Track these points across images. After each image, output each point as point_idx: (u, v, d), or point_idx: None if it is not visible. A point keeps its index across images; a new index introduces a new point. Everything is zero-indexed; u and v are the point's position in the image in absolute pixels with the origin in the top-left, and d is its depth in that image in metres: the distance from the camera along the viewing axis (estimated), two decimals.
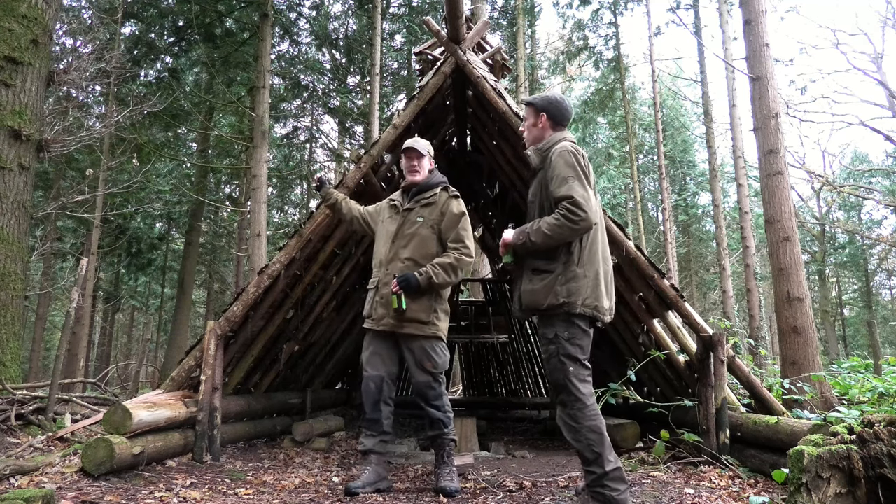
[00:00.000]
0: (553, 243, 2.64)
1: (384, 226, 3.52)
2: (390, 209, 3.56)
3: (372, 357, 3.38)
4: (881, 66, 17.29)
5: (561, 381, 2.65)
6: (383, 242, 3.47)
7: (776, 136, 6.34)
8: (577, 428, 2.60)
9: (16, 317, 5.70)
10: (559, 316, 2.67)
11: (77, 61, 7.59)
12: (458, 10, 4.54)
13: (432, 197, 3.45)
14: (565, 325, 2.67)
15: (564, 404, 2.66)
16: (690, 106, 26.39)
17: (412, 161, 3.51)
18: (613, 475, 2.57)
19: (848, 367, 6.21)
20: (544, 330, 2.73)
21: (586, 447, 2.58)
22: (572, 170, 2.66)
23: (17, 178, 5.78)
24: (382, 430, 3.37)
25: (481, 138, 6.52)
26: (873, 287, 26.48)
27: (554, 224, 2.60)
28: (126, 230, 15.08)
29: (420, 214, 3.40)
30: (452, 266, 3.31)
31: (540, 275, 2.70)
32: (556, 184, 2.65)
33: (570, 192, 2.60)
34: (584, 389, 2.64)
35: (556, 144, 2.80)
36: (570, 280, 2.66)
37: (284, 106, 16.46)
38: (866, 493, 2.15)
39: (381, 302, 3.32)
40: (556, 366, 2.67)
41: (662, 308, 4.53)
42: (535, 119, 2.93)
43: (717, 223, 15.09)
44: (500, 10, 16.69)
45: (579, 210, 2.56)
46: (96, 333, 20.80)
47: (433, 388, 3.31)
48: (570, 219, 2.57)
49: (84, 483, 3.07)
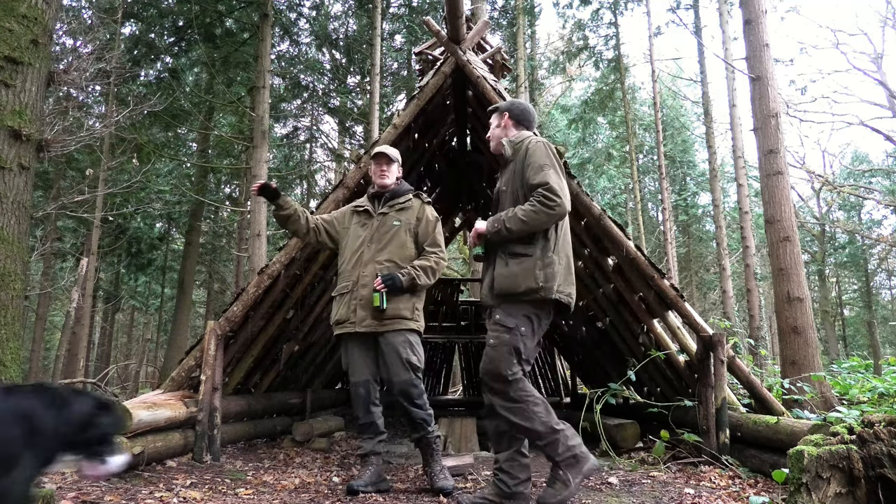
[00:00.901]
0: (529, 230, 2.66)
1: (353, 231, 3.50)
2: (359, 215, 3.54)
3: (355, 363, 3.38)
4: (881, 66, 17.30)
5: (500, 371, 2.64)
6: (356, 247, 3.45)
7: (776, 136, 6.34)
8: (524, 406, 2.60)
9: (16, 317, 5.70)
10: (529, 303, 2.68)
11: (77, 61, 7.59)
12: (458, 10, 4.54)
13: (406, 202, 3.53)
14: (526, 317, 2.68)
15: (501, 392, 2.65)
16: (690, 106, 26.38)
17: (381, 166, 3.54)
18: (570, 433, 2.63)
19: (848, 367, 6.21)
20: (503, 317, 2.69)
21: (538, 422, 2.60)
22: (548, 159, 2.73)
23: (17, 178, 5.77)
24: (378, 430, 3.40)
25: (481, 138, 6.51)
26: (873, 287, 26.47)
27: (530, 211, 2.63)
28: (126, 230, 15.08)
29: (396, 219, 3.45)
30: (433, 269, 3.41)
31: (517, 258, 2.70)
32: (533, 171, 2.71)
33: (545, 180, 2.65)
34: (517, 371, 2.66)
35: (529, 139, 2.88)
36: (547, 265, 2.68)
37: (284, 106, 16.46)
38: (866, 493, 2.15)
39: (361, 303, 3.30)
40: (502, 355, 2.64)
41: (662, 308, 4.53)
42: (499, 121, 3.06)
43: (717, 223, 15.09)
44: (500, 10, 16.69)
45: (555, 196, 2.61)
46: (96, 333, 20.80)
47: (416, 386, 3.28)
48: (547, 205, 2.61)
49: (84, 483, 3.08)
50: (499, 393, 2.67)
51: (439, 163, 7.22)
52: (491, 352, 2.69)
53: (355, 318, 3.30)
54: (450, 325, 8.73)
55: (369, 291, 3.27)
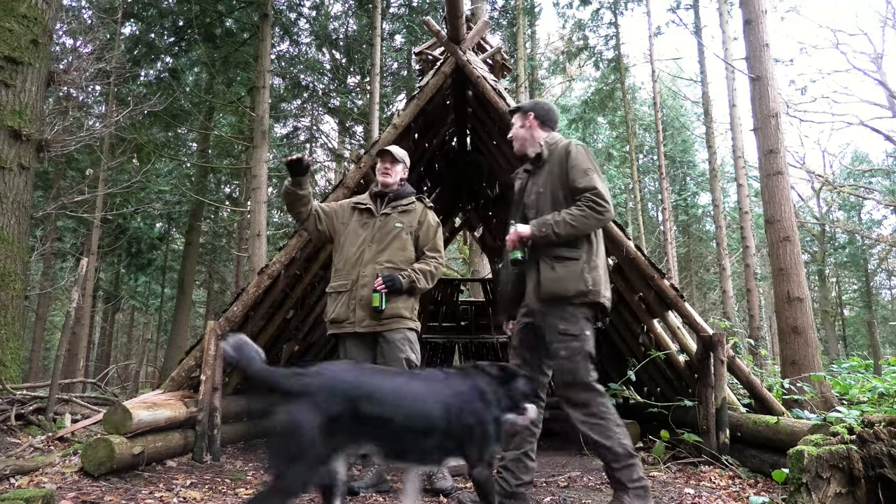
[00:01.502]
0: (576, 234, 2.66)
1: (353, 228, 3.46)
2: (359, 213, 3.50)
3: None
4: (881, 66, 17.30)
5: (582, 380, 2.60)
6: (355, 245, 3.41)
7: (776, 136, 6.33)
8: (605, 424, 2.55)
9: (16, 317, 5.70)
10: (584, 306, 2.66)
11: (77, 61, 7.59)
12: (458, 10, 4.54)
13: (409, 205, 3.51)
14: (586, 320, 2.67)
15: (586, 404, 2.59)
16: (690, 106, 26.38)
17: (386, 164, 3.50)
18: (639, 463, 2.58)
19: (848, 367, 6.20)
20: (566, 325, 2.63)
21: (617, 443, 2.53)
22: (591, 163, 2.74)
23: (17, 178, 5.78)
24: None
25: (481, 138, 6.52)
26: (873, 287, 26.47)
27: (580, 215, 2.63)
28: (126, 230, 15.07)
29: (399, 220, 3.44)
30: (432, 274, 3.42)
31: (563, 262, 2.67)
32: (578, 175, 2.70)
33: (593, 184, 2.66)
34: (595, 375, 2.65)
35: (566, 141, 2.85)
36: (592, 269, 2.68)
37: (284, 106, 16.46)
38: (866, 493, 2.15)
39: (360, 303, 3.27)
40: (578, 364, 2.60)
41: (662, 308, 4.53)
42: (523, 121, 2.99)
43: (717, 223, 15.08)
44: (500, 10, 16.68)
45: (603, 201, 2.63)
46: (96, 333, 20.79)
47: None
48: (596, 210, 2.62)
49: (84, 483, 3.08)
50: (580, 405, 2.61)
51: (439, 163, 7.22)
52: (566, 363, 2.62)
53: (354, 317, 3.28)
54: (450, 325, 8.73)
55: (369, 292, 3.26)
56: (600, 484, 3.44)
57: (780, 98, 7.78)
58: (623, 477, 2.52)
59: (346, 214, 3.54)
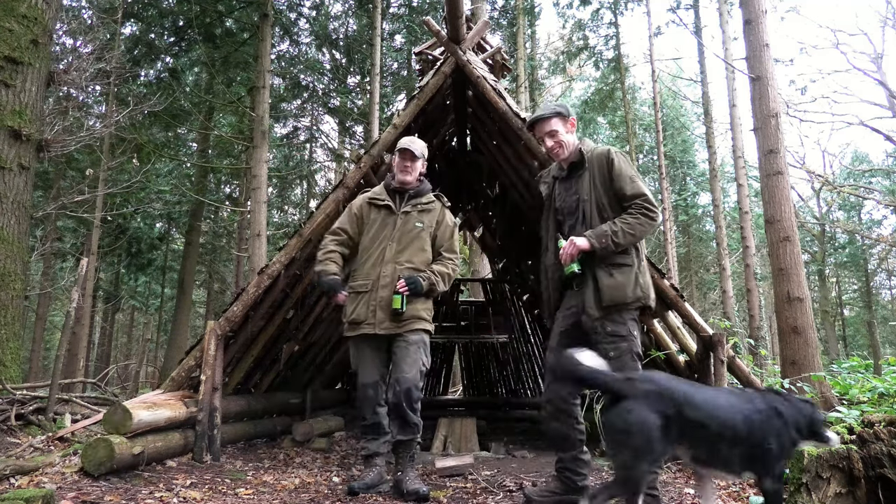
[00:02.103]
0: (635, 241, 2.75)
1: (374, 225, 3.40)
2: (377, 210, 3.44)
3: (366, 363, 3.31)
4: (881, 66, 17.30)
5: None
6: (377, 244, 3.35)
7: (776, 136, 6.33)
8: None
9: (16, 317, 5.70)
10: (633, 311, 2.76)
11: (77, 61, 7.59)
12: (458, 10, 4.54)
13: (429, 204, 3.47)
14: (634, 322, 2.76)
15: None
16: (690, 106, 26.36)
17: (406, 161, 3.43)
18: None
19: (848, 367, 6.20)
20: (615, 327, 2.72)
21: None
22: (633, 170, 2.82)
23: (17, 178, 5.78)
24: (384, 431, 3.36)
25: (481, 138, 6.52)
26: (873, 287, 26.46)
27: (636, 223, 2.71)
28: (126, 230, 15.07)
29: (419, 220, 3.39)
30: (449, 276, 3.39)
31: (620, 269, 2.75)
32: (625, 182, 2.78)
33: (642, 191, 2.75)
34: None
35: (597, 147, 2.93)
36: (643, 273, 2.79)
37: (284, 106, 16.45)
38: (866, 493, 2.15)
39: (381, 305, 3.23)
40: (627, 363, 2.70)
41: (662, 308, 4.52)
42: (566, 126, 3.00)
43: (717, 223, 15.08)
44: (500, 10, 16.67)
45: (654, 206, 2.72)
46: (96, 333, 20.79)
47: (418, 388, 3.22)
48: (649, 216, 2.72)
49: (84, 483, 3.08)
50: None
51: (439, 163, 7.22)
52: (615, 363, 2.67)
53: (374, 319, 3.23)
54: (450, 325, 8.73)
55: (389, 293, 3.21)
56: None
57: (780, 98, 7.77)
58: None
59: (364, 213, 3.48)
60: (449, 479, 3.70)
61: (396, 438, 3.26)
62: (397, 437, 3.26)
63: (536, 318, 8.85)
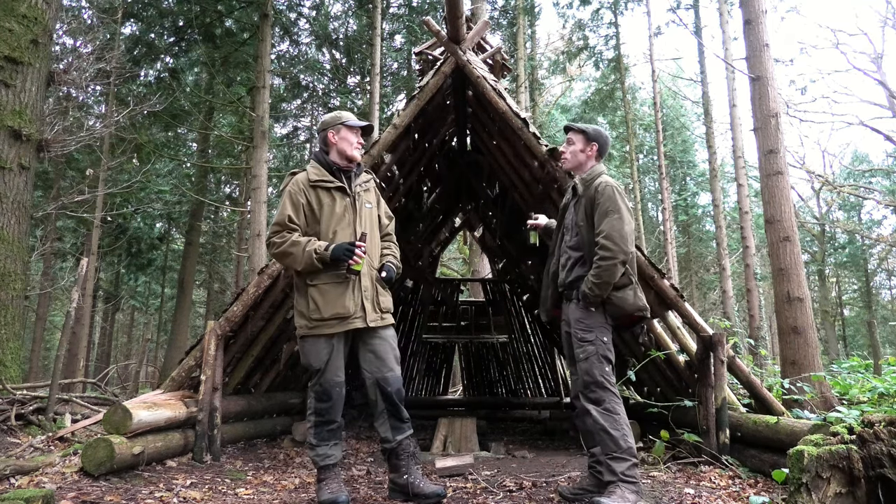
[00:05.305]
0: (611, 283, 2.85)
1: (332, 212, 3.00)
2: (326, 192, 3.02)
3: (335, 361, 2.96)
4: (881, 66, 17.31)
5: (596, 379, 2.83)
6: (340, 229, 2.98)
7: (776, 136, 6.33)
8: (616, 418, 2.77)
9: (16, 317, 5.71)
10: (602, 319, 2.94)
11: (77, 61, 7.60)
12: (458, 10, 4.54)
13: (368, 182, 3.20)
14: (603, 328, 2.93)
15: (599, 401, 2.82)
16: (690, 106, 26.37)
17: (360, 138, 3.13)
18: (637, 465, 2.77)
19: (848, 367, 6.21)
20: (584, 335, 2.91)
21: (622, 436, 2.73)
22: (613, 203, 2.89)
23: (17, 178, 5.79)
24: (342, 434, 3.11)
25: (481, 138, 6.51)
26: (873, 287, 26.47)
27: (600, 272, 2.83)
28: (126, 230, 15.08)
29: (367, 200, 3.13)
30: (399, 259, 3.26)
31: (620, 290, 2.92)
32: (599, 217, 2.90)
33: (603, 228, 2.85)
34: (614, 382, 2.89)
35: (598, 177, 3.01)
36: (637, 285, 2.97)
37: (284, 106, 16.46)
38: (866, 493, 2.15)
39: (366, 296, 2.96)
40: (594, 364, 2.86)
41: (662, 308, 4.52)
42: (585, 146, 3.13)
43: (717, 223, 15.08)
44: (500, 10, 16.68)
45: (611, 244, 2.85)
46: (96, 333, 20.79)
47: (401, 383, 3.04)
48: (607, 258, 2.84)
49: (84, 483, 3.08)
50: (595, 400, 2.85)
51: (439, 163, 7.22)
52: (583, 365, 2.90)
53: (362, 313, 2.94)
54: (450, 325, 8.73)
55: (371, 283, 3.00)
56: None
57: (780, 98, 7.78)
58: (617, 467, 2.69)
59: (311, 199, 3.01)
60: (449, 479, 3.70)
61: (395, 440, 2.97)
62: (395, 438, 2.97)
63: (536, 318, 8.86)
